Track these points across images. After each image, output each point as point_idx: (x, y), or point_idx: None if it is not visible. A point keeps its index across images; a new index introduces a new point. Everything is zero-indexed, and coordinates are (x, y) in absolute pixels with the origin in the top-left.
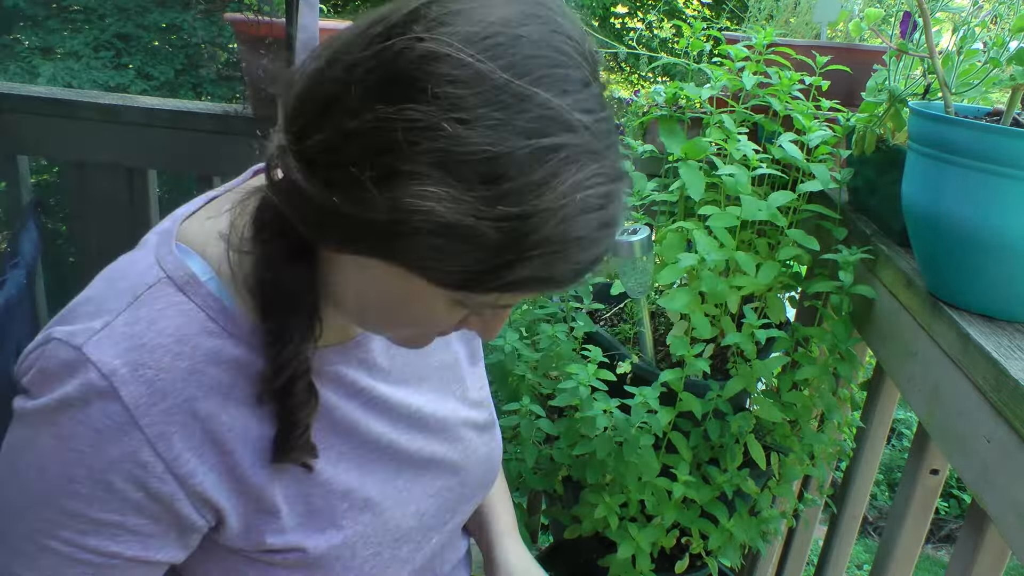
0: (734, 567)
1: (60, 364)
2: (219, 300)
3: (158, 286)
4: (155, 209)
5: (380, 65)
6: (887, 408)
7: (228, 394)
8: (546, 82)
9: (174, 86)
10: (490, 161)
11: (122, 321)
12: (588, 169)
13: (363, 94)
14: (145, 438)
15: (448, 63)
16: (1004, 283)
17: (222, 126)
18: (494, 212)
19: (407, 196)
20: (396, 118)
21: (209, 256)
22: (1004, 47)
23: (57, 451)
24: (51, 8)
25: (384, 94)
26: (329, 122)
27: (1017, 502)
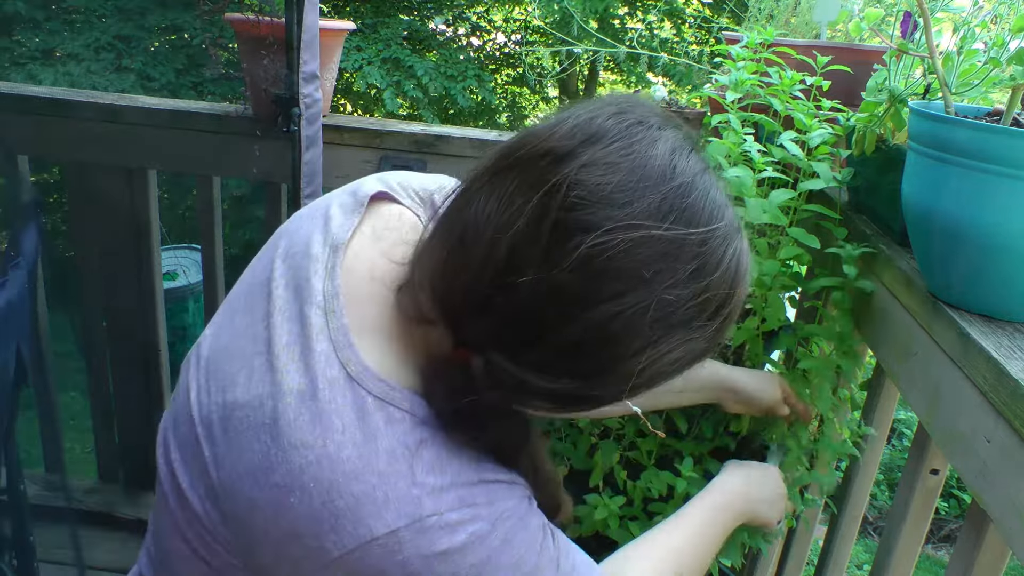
0: (734, 566)
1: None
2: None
3: (414, 432)
4: (155, 209)
5: (578, 271)
6: (887, 408)
7: None
8: (713, 210)
9: (175, 87)
10: (705, 301)
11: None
12: (743, 242)
13: (574, 305)
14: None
15: (646, 246)
16: (1004, 283)
17: (222, 126)
18: (713, 328)
19: (654, 362)
20: (619, 312)
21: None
22: (1004, 47)
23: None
24: (51, 10)
25: (597, 297)
26: (544, 337)
27: (1017, 502)
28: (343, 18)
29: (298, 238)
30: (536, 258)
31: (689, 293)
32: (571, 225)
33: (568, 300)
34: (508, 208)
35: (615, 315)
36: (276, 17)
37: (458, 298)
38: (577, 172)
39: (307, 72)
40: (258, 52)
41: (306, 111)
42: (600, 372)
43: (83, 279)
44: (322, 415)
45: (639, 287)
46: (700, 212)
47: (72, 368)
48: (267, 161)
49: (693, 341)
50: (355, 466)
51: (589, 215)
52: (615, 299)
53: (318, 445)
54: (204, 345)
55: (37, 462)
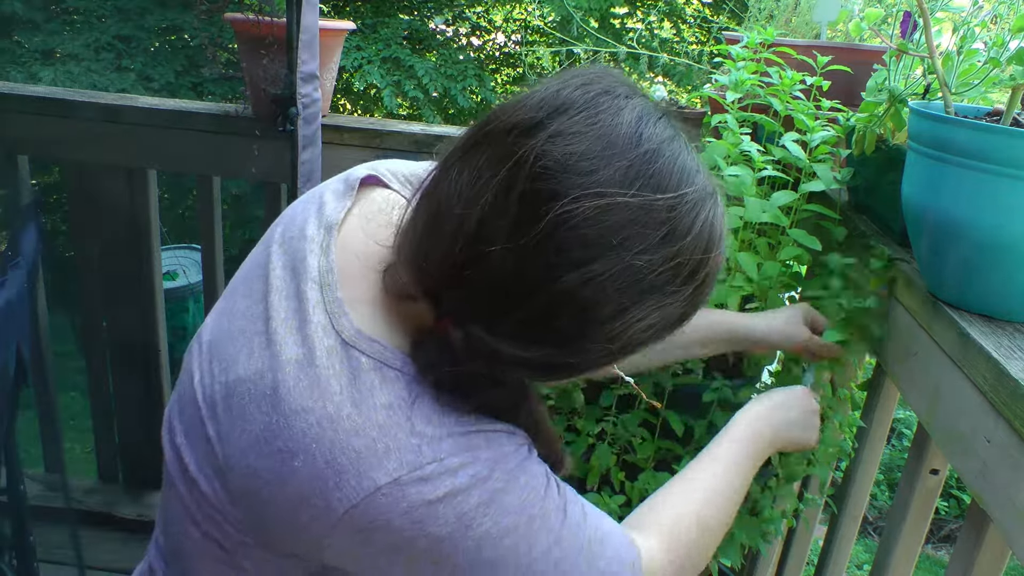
0: (734, 567)
1: (435, 477)
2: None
3: (411, 387)
4: (155, 209)
5: (545, 240)
6: (887, 408)
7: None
8: (680, 171)
9: (174, 88)
10: (677, 266)
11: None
12: (718, 207)
13: (543, 274)
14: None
15: (613, 213)
16: (1004, 283)
17: (222, 126)
18: (688, 293)
19: (622, 330)
20: (588, 279)
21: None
22: (1004, 47)
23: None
24: (50, 10)
25: (566, 264)
26: (517, 306)
27: (1017, 502)
28: (343, 18)
29: (294, 224)
30: (505, 229)
31: (660, 258)
32: (538, 195)
33: (538, 269)
34: (477, 182)
35: (584, 282)
36: (276, 17)
37: (434, 272)
38: (544, 143)
39: (306, 72)
40: (258, 52)
41: (304, 111)
42: (573, 340)
43: (83, 279)
44: (320, 380)
45: (607, 253)
46: (668, 178)
47: (72, 368)
48: (266, 161)
49: (668, 307)
50: (355, 423)
51: (555, 184)
52: (584, 266)
53: (318, 408)
54: (206, 331)
55: (37, 462)
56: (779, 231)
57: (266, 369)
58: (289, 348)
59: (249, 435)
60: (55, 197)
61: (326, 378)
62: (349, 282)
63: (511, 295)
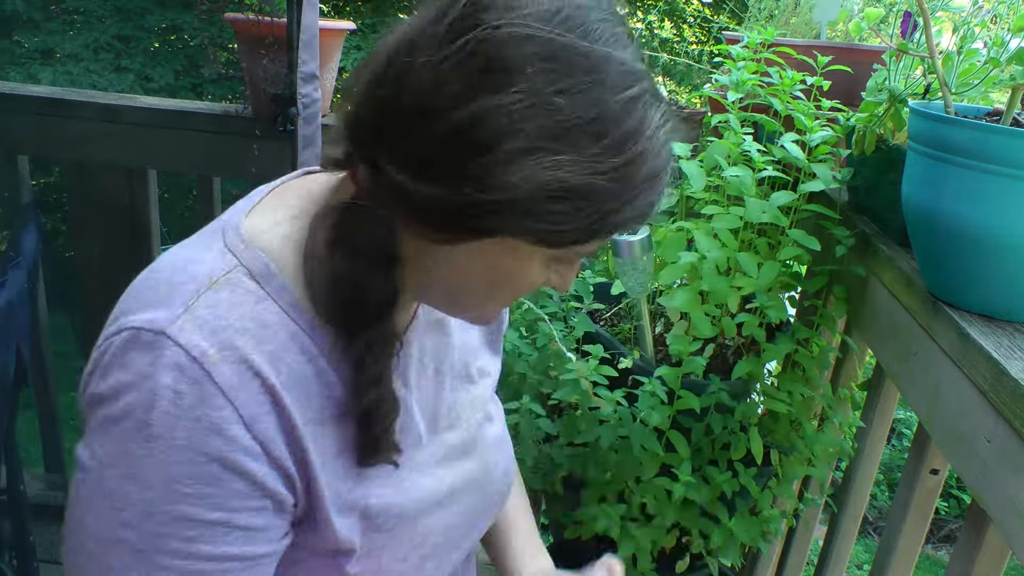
0: (734, 566)
1: (143, 354)
2: (294, 295)
3: (234, 272)
4: (155, 209)
5: (465, 59)
6: (887, 408)
7: (309, 390)
8: (613, 41)
9: (174, 88)
10: (595, 121)
11: (203, 303)
12: (660, 107)
13: (458, 92)
14: (242, 422)
15: (534, 43)
16: (1004, 283)
17: (222, 126)
18: (606, 165)
19: (531, 173)
20: (501, 104)
21: (276, 258)
22: (1004, 47)
23: (153, 454)
24: (50, 10)
25: (480, 85)
26: (428, 126)
27: (1017, 502)
28: (343, 18)
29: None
30: (429, 44)
31: (578, 105)
32: (465, 23)
33: (456, 86)
34: (413, 20)
35: (500, 107)
36: (276, 17)
37: (359, 103)
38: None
39: (305, 72)
40: (257, 52)
41: (304, 111)
42: (477, 176)
43: (83, 279)
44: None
45: (522, 81)
46: (599, 31)
47: (72, 368)
48: (266, 161)
49: (584, 171)
50: (174, 259)
51: (483, 13)
52: (501, 91)
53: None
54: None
55: (37, 462)
56: (779, 231)
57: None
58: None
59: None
60: (55, 197)
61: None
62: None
63: (425, 114)
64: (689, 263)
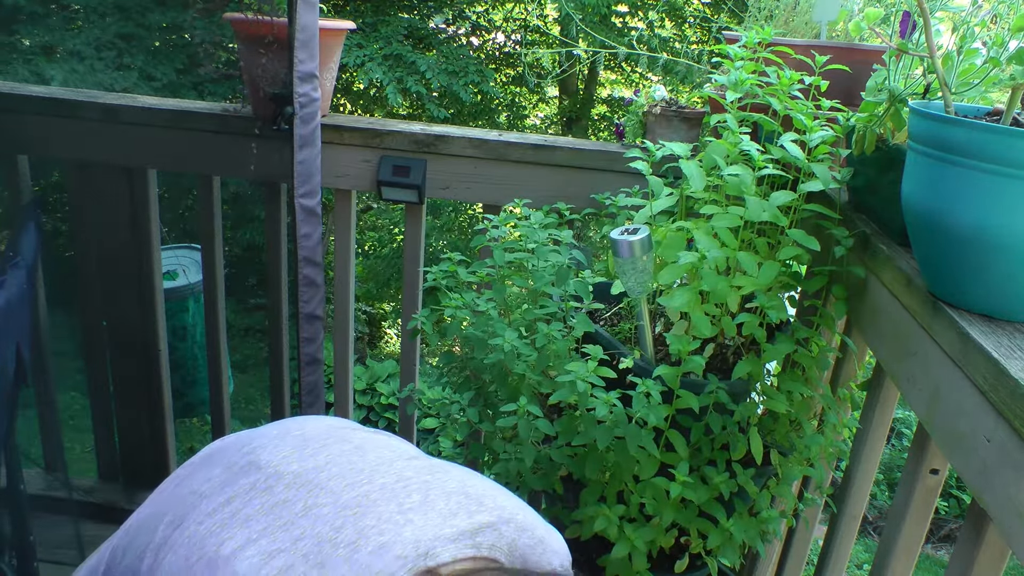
0: (734, 567)
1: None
2: None
3: None
4: (155, 209)
5: None
6: (887, 408)
7: None
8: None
9: (176, 87)
10: None
11: None
12: None
13: None
14: None
15: None
16: (1004, 283)
17: (222, 126)
18: None
19: None
20: None
21: None
22: (1004, 47)
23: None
24: (51, 7)
25: None
26: None
27: (1017, 502)
28: (343, 17)
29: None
30: None
31: None
32: None
33: None
34: None
35: None
36: (275, 16)
37: None
38: None
39: (303, 71)
40: (257, 51)
41: (302, 110)
42: None
43: (83, 279)
44: None
45: None
46: None
47: (72, 368)
48: (266, 160)
49: None
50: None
51: None
52: None
53: None
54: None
55: (37, 462)
56: (779, 231)
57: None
58: None
59: None
60: (55, 197)
61: None
62: None
63: None
64: (689, 263)
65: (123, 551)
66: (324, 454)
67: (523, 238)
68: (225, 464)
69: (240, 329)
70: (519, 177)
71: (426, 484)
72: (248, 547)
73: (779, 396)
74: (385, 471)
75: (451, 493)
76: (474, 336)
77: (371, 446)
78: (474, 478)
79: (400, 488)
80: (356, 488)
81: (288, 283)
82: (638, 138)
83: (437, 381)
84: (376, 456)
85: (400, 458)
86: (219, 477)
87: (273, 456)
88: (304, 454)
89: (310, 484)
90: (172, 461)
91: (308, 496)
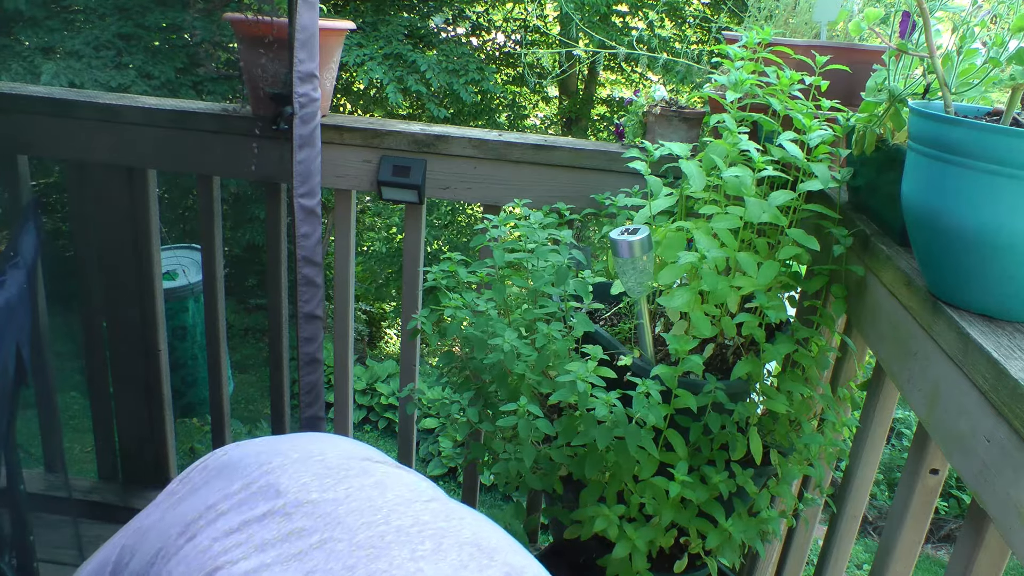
0: (733, 566)
1: None
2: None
3: None
4: (155, 209)
5: None
6: (887, 408)
7: None
8: None
9: (175, 86)
10: None
11: None
12: None
13: None
14: None
15: None
16: (1004, 283)
17: (222, 126)
18: None
19: None
20: None
21: None
22: (1004, 47)
23: None
24: (51, 8)
25: None
26: None
27: (1017, 502)
28: (343, 17)
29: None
30: None
31: None
32: None
33: None
34: None
35: None
36: (275, 16)
37: None
38: None
39: (303, 71)
40: (257, 51)
41: (301, 110)
42: None
43: (83, 279)
44: None
45: None
46: None
47: (72, 368)
48: (266, 160)
49: None
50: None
51: None
52: None
53: None
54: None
55: (37, 462)
56: (778, 231)
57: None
58: None
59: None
60: (55, 197)
61: None
62: None
63: None
64: (689, 263)
65: (131, 553)
66: (344, 486)
67: (523, 238)
68: (244, 481)
69: (240, 329)
70: (519, 177)
71: (441, 531)
72: (261, 572)
73: (779, 396)
74: (403, 512)
75: (464, 544)
76: (474, 336)
77: (391, 483)
78: (488, 528)
79: (415, 533)
80: (372, 528)
81: (288, 283)
82: (638, 138)
83: (437, 381)
84: (395, 495)
85: (418, 499)
86: (237, 495)
87: (293, 482)
88: (325, 484)
89: (327, 516)
90: (172, 461)
91: (325, 529)
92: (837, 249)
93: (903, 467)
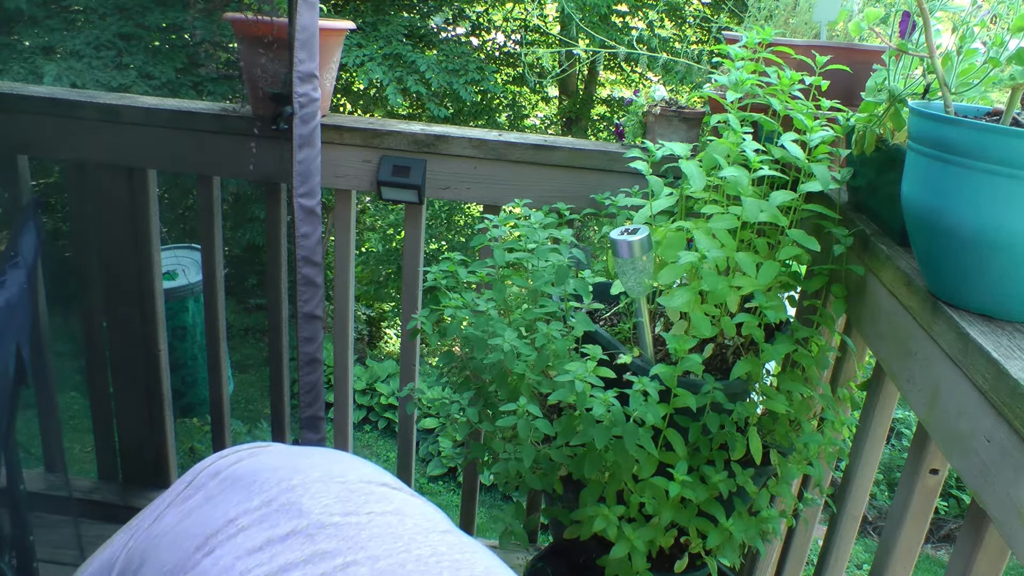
0: (733, 566)
1: None
2: None
3: None
4: (155, 209)
5: None
6: (887, 408)
7: None
8: None
9: (175, 86)
10: None
11: None
12: None
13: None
14: None
15: None
16: (1004, 283)
17: (222, 126)
18: None
19: None
20: None
21: None
22: (1003, 46)
23: None
24: (51, 8)
25: None
26: None
27: (1017, 502)
28: (343, 17)
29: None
30: None
31: None
32: None
33: None
34: None
35: None
36: (275, 16)
37: None
38: None
39: (303, 71)
40: (256, 51)
41: (301, 110)
42: None
43: (83, 279)
44: None
45: None
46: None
47: (72, 368)
48: (266, 160)
49: None
50: None
51: None
52: None
53: None
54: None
55: (37, 462)
56: (778, 231)
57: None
58: None
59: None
60: (55, 197)
61: None
62: None
63: None
64: (689, 263)
65: (141, 559)
66: (366, 511)
67: (523, 238)
68: (264, 496)
69: (240, 329)
70: (519, 177)
71: (457, 563)
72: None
73: (778, 396)
74: (422, 542)
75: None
76: (474, 336)
77: (410, 511)
78: (498, 565)
79: (433, 563)
80: (394, 556)
81: (288, 283)
82: (638, 138)
83: (437, 381)
84: (414, 524)
85: (435, 530)
86: (258, 511)
87: (315, 503)
88: (347, 507)
89: (351, 540)
90: (172, 461)
91: (348, 552)
92: (837, 249)
93: (903, 467)
